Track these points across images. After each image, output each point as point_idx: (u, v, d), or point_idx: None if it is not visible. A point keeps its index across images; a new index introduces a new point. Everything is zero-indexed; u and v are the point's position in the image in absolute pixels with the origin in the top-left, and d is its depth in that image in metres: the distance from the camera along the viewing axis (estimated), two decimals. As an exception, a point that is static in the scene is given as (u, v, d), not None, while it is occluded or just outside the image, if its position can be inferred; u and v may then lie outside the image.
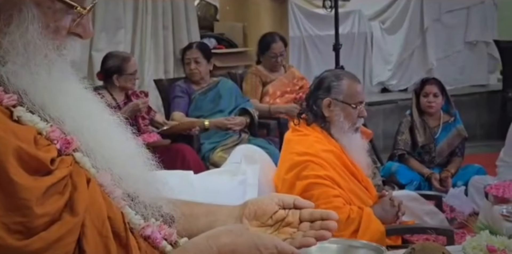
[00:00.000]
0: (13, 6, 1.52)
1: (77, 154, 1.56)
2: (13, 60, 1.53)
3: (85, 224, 1.46)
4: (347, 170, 3.89)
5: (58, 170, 1.47)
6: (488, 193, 4.45)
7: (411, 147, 6.51)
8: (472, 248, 2.50)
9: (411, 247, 2.29)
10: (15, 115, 1.49)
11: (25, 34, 1.53)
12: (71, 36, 1.62)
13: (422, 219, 4.53)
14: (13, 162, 1.38)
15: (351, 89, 3.90)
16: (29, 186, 1.39)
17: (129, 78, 6.07)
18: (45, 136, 1.51)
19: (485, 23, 10.64)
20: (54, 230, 1.41)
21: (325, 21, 9.12)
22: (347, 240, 2.81)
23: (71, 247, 1.43)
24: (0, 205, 1.37)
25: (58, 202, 1.44)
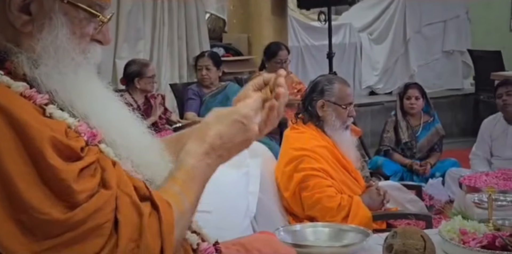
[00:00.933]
0: (45, 16, 1.54)
1: (101, 145, 1.56)
2: (45, 63, 1.54)
3: (118, 195, 1.47)
4: (338, 163, 3.89)
5: (87, 157, 1.48)
6: (462, 183, 4.46)
7: (395, 143, 6.51)
8: (447, 231, 2.50)
9: (393, 230, 2.30)
10: (47, 112, 1.50)
11: (55, 40, 1.54)
12: (93, 42, 1.64)
13: (404, 206, 4.53)
14: (49, 149, 1.40)
15: (341, 92, 3.91)
16: (65, 168, 1.40)
17: (148, 81, 6.09)
18: (74, 129, 1.52)
19: (460, 35, 10.62)
20: (93, 202, 1.42)
21: (320, 33, 9.11)
22: (338, 224, 2.84)
23: (110, 215, 1.43)
24: (43, 186, 1.38)
25: (93, 181, 1.45)
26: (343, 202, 3.68)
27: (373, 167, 6.23)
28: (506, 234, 2.42)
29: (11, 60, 1.54)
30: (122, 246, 1.41)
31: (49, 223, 1.38)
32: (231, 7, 8.60)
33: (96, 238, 1.41)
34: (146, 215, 1.46)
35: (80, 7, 1.57)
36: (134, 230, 1.44)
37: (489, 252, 2.33)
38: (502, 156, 6.05)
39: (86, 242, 1.40)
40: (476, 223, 2.57)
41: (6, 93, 1.47)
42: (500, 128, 6.12)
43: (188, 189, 1.58)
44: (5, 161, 1.37)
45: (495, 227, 2.54)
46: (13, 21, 1.53)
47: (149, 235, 1.45)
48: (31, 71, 1.54)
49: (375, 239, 2.48)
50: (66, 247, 1.38)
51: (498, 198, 3.88)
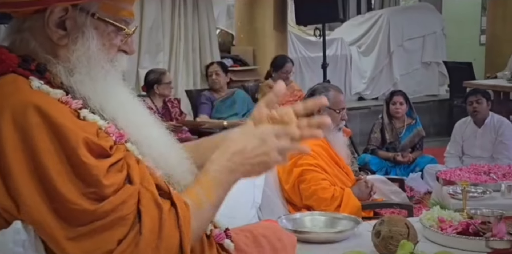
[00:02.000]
0: (78, 30, 1.54)
1: (127, 144, 1.56)
2: (79, 71, 1.54)
3: (140, 190, 1.46)
4: (332, 160, 3.89)
5: (116, 154, 1.47)
6: (439, 177, 4.46)
7: (380, 143, 6.51)
8: (427, 219, 2.50)
9: (381, 218, 2.30)
10: (81, 115, 1.50)
11: (87, 51, 1.54)
12: (120, 53, 1.64)
13: (389, 197, 4.52)
14: (82, 148, 1.40)
15: (336, 98, 3.90)
16: (96, 165, 1.41)
17: (166, 86, 6.11)
18: (104, 130, 1.51)
19: (437, 48, 10.60)
20: (119, 195, 1.42)
21: (315, 46, 9.12)
22: (332, 213, 2.84)
23: (133, 208, 1.43)
24: (77, 180, 1.39)
25: (119, 176, 1.45)
26: (336, 193, 3.67)
27: (361, 163, 6.23)
28: (478, 222, 2.42)
29: (50, 70, 1.53)
30: (145, 235, 1.42)
31: (80, 212, 1.38)
32: (239, 24, 8.61)
33: (121, 227, 1.41)
34: (165, 210, 1.46)
35: (109, 22, 1.57)
36: (155, 222, 1.44)
37: (464, 237, 2.33)
38: (472, 155, 6.08)
39: (112, 231, 1.40)
40: (452, 212, 2.57)
41: (46, 99, 1.46)
42: (470, 130, 6.14)
43: (210, 192, 1.56)
44: (44, 159, 1.38)
45: (468, 216, 2.54)
46: (51, 36, 1.53)
47: (168, 227, 1.45)
48: (67, 79, 1.53)
49: (365, 226, 2.48)
50: (95, 234, 1.39)
51: (470, 190, 3.89)
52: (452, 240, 2.33)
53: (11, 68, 1.50)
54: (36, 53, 1.55)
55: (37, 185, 1.37)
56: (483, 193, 3.90)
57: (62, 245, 1.37)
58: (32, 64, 1.52)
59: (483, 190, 3.93)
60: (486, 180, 4.25)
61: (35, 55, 1.55)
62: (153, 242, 1.43)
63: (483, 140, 6.05)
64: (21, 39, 1.56)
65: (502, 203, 3.76)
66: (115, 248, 1.40)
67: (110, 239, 1.40)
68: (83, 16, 1.54)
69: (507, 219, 2.48)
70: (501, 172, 4.42)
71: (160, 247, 1.43)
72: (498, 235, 2.29)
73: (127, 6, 1.62)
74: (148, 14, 7.16)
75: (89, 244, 1.39)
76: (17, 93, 1.44)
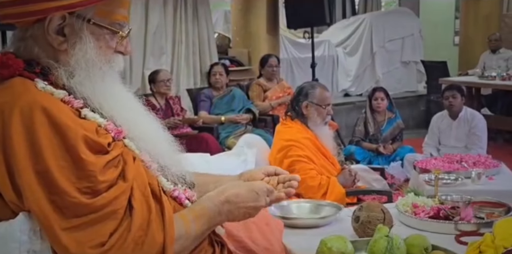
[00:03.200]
0: (76, 36, 1.54)
1: (125, 140, 1.56)
2: (79, 73, 1.54)
3: (133, 188, 1.47)
4: (319, 151, 3.89)
5: (113, 151, 1.48)
6: (416, 166, 4.47)
7: (364, 135, 6.50)
8: (402, 205, 2.50)
9: (359, 205, 2.29)
10: (82, 114, 1.50)
11: (85, 54, 1.54)
12: (116, 54, 1.63)
13: (371, 184, 4.52)
14: (81, 145, 1.40)
15: (322, 95, 3.90)
16: (94, 161, 1.41)
17: (160, 84, 6.06)
18: (103, 128, 1.52)
19: (415, 49, 10.58)
20: (112, 191, 1.42)
21: (305, 48, 9.10)
22: (317, 201, 2.83)
23: (124, 203, 1.44)
24: (74, 175, 1.39)
25: (114, 173, 1.45)
26: (323, 182, 3.68)
27: (347, 154, 6.22)
28: (448, 207, 2.41)
29: (53, 73, 1.53)
30: (133, 231, 1.42)
31: (77, 205, 1.38)
32: (235, 28, 8.58)
33: (112, 220, 1.41)
34: (154, 212, 1.47)
35: (103, 26, 1.57)
36: (143, 221, 1.44)
37: (435, 221, 2.33)
38: (447, 145, 6.08)
39: (104, 223, 1.40)
40: (425, 198, 2.56)
41: (50, 99, 1.46)
42: (446, 123, 6.14)
43: (198, 221, 1.57)
44: (46, 154, 1.38)
45: (440, 202, 2.53)
46: (51, 42, 1.53)
47: (155, 227, 1.45)
48: (68, 81, 1.53)
49: (346, 212, 2.47)
50: (89, 226, 1.39)
51: (444, 177, 3.90)
52: (425, 223, 2.33)
53: (17, 71, 1.50)
54: (39, 58, 1.55)
55: (38, 177, 1.37)
56: (455, 180, 3.91)
57: (57, 235, 1.37)
58: (37, 68, 1.53)
59: (455, 177, 3.94)
60: (458, 168, 4.26)
61: (38, 59, 1.55)
62: (140, 238, 1.43)
63: (458, 131, 6.06)
64: (25, 46, 1.56)
65: (472, 189, 3.78)
66: (107, 241, 1.39)
67: (102, 231, 1.40)
68: (79, 22, 1.54)
69: (475, 204, 2.48)
70: (471, 160, 4.44)
71: (144, 243, 1.43)
72: (466, 219, 2.29)
73: (120, 10, 1.61)
74: (152, 20, 7.13)
75: (82, 235, 1.38)
76: (26, 93, 1.44)
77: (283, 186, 1.80)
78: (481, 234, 2.08)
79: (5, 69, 1.50)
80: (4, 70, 1.50)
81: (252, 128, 6.44)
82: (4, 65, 1.51)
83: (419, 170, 4.36)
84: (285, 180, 1.82)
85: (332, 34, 10.51)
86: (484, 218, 2.37)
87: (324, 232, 2.27)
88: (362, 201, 3.88)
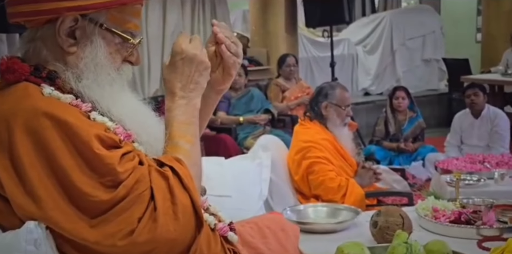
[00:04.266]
0: (87, 39, 1.51)
1: (135, 144, 1.53)
2: (87, 77, 1.51)
3: (151, 172, 1.43)
4: (337, 153, 3.86)
5: (126, 146, 1.45)
6: (437, 166, 4.42)
7: (384, 135, 6.46)
8: (422, 209, 2.45)
9: (377, 210, 2.25)
10: (91, 117, 1.47)
11: (95, 58, 1.51)
12: (125, 63, 1.60)
13: (391, 185, 4.48)
14: (95, 141, 1.37)
15: (341, 96, 3.87)
16: (109, 155, 1.38)
17: None
18: (112, 131, 1.48)
19: (436, 46, 10.50)
20: (131, 177, 1.39)
21: (324, 46, 9.06)
22: (334, 204, 2.79)
23: (148, 184, 1.40)
24: (94, 171, 1.36)
25: (132, 163, 1.42)
26: (342, 183, 3.66)
27: (367, 154, 6.16)
28: (469, 211, 2.36)
29: (60, 77, 1.50)
30: (160, 206, 1.38)
31: (99, 203, 1.35)
32: (253, 27, 8.56)
33: (139, 204, 1.38)
34: (170, 177, 1.43)
35: (115, 32, 1.54)
36: (165, 192, 1.41)
37: (456, 226, 2.28)
38: (470, 144, 6.03)
39: (131, 210, 1.37)
40: (446, 202, 2.51)
41: (55, 103, 1.43)
42: (468, 121, 6.10)
43: (185, 135, 1.54)
44: (58, 157, 1.35)
45: (461, 205, 2.48)
46: (61, 44, 1.50)
47: (177, 191, 1.41)
48: (76, 85, 1.50)
49: (364, 216, 2.43)
50: (116, 217, 1.36)
51: (466, 178, 3.84)
52: (445, 228, 2.28)
53: (23, 76, 1.48)
54: (47, 61, 1.52)
55: (54, 183, 1.35)
56: (478, 181, 3.85)
57: (85, 235, 1.34)
58: (43, 72, 1.50)
59: (478, 178, 3.89)
60: (481, 168, 4.20)
61: (46, 63, 1.52)
62: (170, 209, 1.39)
63: (480, 130, 6.01)
64: (34, 47, 1.53)
65: (495, 190, 3.72)
66: (136, 227, 1.36)
67: (130, 218, 1.36)
68: (91, 26, 1.51)
69: (497, 207, 2.42)
70: (494, 161, 4.37)
71: (177, 212, 1.40)
72: (488, 223, 2.24)
73: (133, 19, 1.58)
74: (170, 20, 7.14)
75: (110, 227, 1.35)
76: (27, 99, 1.42)
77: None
78: (504, 239, 2.04)
79: (11, 74, 1.48)
80: (10, 75, 1.48)
81: (271, 128, 6.41)
82: (10, 70, 1.48)
83: (440, 170, 4.30)
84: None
85: (352, 32, 10.44)
86: (507, 223, 2.32)
87: (341, 237, 2.23)
88: (382, 203, 3.85)
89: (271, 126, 6.48)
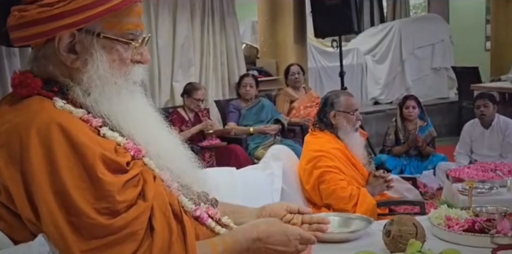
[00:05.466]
0: (86, 52, 1.49)
1: (145, 158, 1.53)
2: (94, 91, 1.50)
3: (154, 208, 1.43)
4: (349, 162, 3.83)
5: (132, 170, 1.44)
6: (449, 175, 4.38)
7: (395, 144, 6.43)
8: (435, 218, 2.42)
9: (390, 219, 2.22)
10: (101, 133, 1.47)
11: (97, 71, 1.49)
12: (133, 64, 1.58)
13: (403, 194, 4.46)
14: (99, 164, 1.37)
15: (347, 102, 3.85)
16: (112, 181, 1.37)
17: (193, 101, 6.06)
18: (122, 146, 1.48)
19: (445, 55, 10.48)
20: (131, 212, 1.39)
21: (333, 56, 9.05)
22: (346, 213, 2.76)
23: (144, 224, 1.40)
24: (92, 196, 1.35)
25: (134, 192, 1.41)
26: (353, 192, 3.63)
27: (378, 163, 6.17)
28: (483, 219, 2.32)
29: (70, 91, 1.50)
30: (155, 252, 1.38)
31: (95, 226, 1.35)
32: (262, 38, 8.56)
33: (131, 242, 1.38)
34: (175, 233, 1.43)
35: (114, 38, 1.51)
36: (165, 242, 1.41)
37: (470, 234, 2.25)
38: (480, 154, 5.97)
39: (123, 245, 1.37)
40: (459, 210, 2.48)
41: (69, 117, 1.44)
42: (478, 131, 6.04)
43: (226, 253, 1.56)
44: (63, 174, 1.35)
45: (474, 213, 2.44)
46: (64, 61, 1.50)
47: (176, 249, 1.42)
48: (84, 99, 1.50)
49: (376, 225, 2.40)
50: (107, 248, 1.35)
51: (478, 186, 3.81)
52: (459, 237, 2.25)
53: (35, 90, 1.48)
54: (56, 76, 1.52)
55: (56, 198, 1.34)
56: (490, 189, 3.82)
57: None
58: (55, 86, 1.50)
59: (490, 186, 3.86)
60: (493, 176, 4.17)
61: (55, 77, 1.52)
62: None
63: (491, 140, 5.95)
64: (39, 65, 1.53)
65: (508, 198, 3.70)
66: None
67: (122, 253, 1.36)
68: (89, 37, 1.49)
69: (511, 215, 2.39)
70: (506, 169, 4.34)
71: None
72: (503, 232, 2.20)
73: (130, 19, 1.54)
74: (179, 32, 7.15)
75: None
76: (42, 112, 1.42)
77: (309, 228, 1.77)
78: (519, 248, 1.99)
79: (24, 88, 1.48)
80: (23, 90, 1.48)
81: (281, 138, 6.40)
82: (23, 84, 1.49)
83: (452, 179, 4.27)
84: (312, 221, 1.78)
85: (361, 42, 10.44)
86: (521, 231, 2.27)
87: (354, 246, 2.20)
88: (394, 212, 3.81)
89: (282, 136, 6.47)
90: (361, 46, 10.21)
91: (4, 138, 1.40)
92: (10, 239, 1.41)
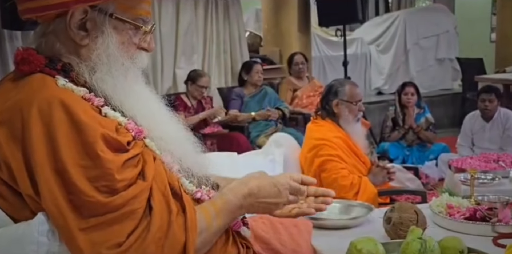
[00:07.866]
0: (98, 30, 1.50)
1: (146, 140, 1.52)
2: (100, 69, 1.50)
3: (153, 188, 1.43)
4: (350, 150, 3.82)
5: (133, 149, 1.44)
6: (451, 165, 4.38)
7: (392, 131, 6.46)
8: (436, 206, 2.42)
9: (391, 206, 2.22)
10: (103, 112, 1.47)
11: (107, 49, 1.50)
12: (139, 50, 1.59)
13: (404, 184, 4.45)
14: (100, 143, 1.37)
15: (351, 92, 3.83)
16: (112, 159, 1.37)
17: (197, 88, 6.04)
18: (124, 126, 1.48)
19: (450, 46, 10.45)
20: (130, 190, 1.39)
21: (337, 45, 9.04)
22: (347, 201, 2.76)
23: (143, 203, 1.40)
24: (91, 173, 1.35)
25: (133, 172, 1.41)
26: (354, 181, 3.62)
27: (380, 151, 6.18)
28: (484, 208, 2.33)
29: (74, 70, 1.50)
30: (153, 232, 1.38)
31: (94, 204, 1.35)
32: (266, 26, 8.54)
33: (130, 220, 1.38)
34: (174, 213, 1.43)
35: (126, 21, 1.53)
36: (163, 222, 1.41)
37: (471, 222, 2.25)
38: (481, 147, 5.95)
39: (122, 224, 1.37)
40: (460, 198, 2.48)
41: (70, 94, 1.44)
42: (478, 124, 6.03)
43: (220, 216, 1.54)
44: (63, 152, 1.35)
45: (476, 202, 2.45)
46: (73, 37, 1.50)
47: (175, 229, 1.41)
48: (89, 77, 1.50)
49: (377, 213, 2.40)
50: (106, 227, 1.35)
51: (480, 177, 3.81)
52: (460, 225, 2.25)
53: (38, 68, 1.48)
54: (60, 54, 1.52)
55: (56, 176, 1.34)
56: (493, 180, 3.82)
57: (73, 235, 1.34)
58: (58, 64, 1.50)
59: (492, 176, 3.86)
60: (495, 167, 4.17)
61: (60, 56, 1.52)
62: (160, 240, 1.39)
63: (492, 133, 5.93)
64: (46, 41, 1.53)
65: (510, 188, 3.69)
66: (124, 241, 1.36)
67: (120, 232, 1.36)
68: (101, 16, 1.50)
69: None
70: (509, 160, 4.35)
71: (164, 245, 1.39)
72: (504, 220, 2.21)
73: (142, 5, 1.57)
74: (183, 19, 7.13)
75: (99, 235, 1.34)
76: (44, 89, 1.42)
77: (315, 200, 1.74)
78: (520, 237, 2.00)
79: (26, 65, 1.48)
80: (25, 66, 1.48)
81: (283, 126, 6.39)
82: (25, 61, 1.48)
83: (454, 169, 4.27)
84: (317, 194, 1.75)
85: (365, 31, 10.41)
86: (523, 220, 2.27)
87: (354, 233, 2.20)
88: (395, 201, 3.81)
89: (284, 124, 6.47)
90: (365, 35, 10.20)
91: (6, 115, 1.40)
92: (11, 217, 1.41)
